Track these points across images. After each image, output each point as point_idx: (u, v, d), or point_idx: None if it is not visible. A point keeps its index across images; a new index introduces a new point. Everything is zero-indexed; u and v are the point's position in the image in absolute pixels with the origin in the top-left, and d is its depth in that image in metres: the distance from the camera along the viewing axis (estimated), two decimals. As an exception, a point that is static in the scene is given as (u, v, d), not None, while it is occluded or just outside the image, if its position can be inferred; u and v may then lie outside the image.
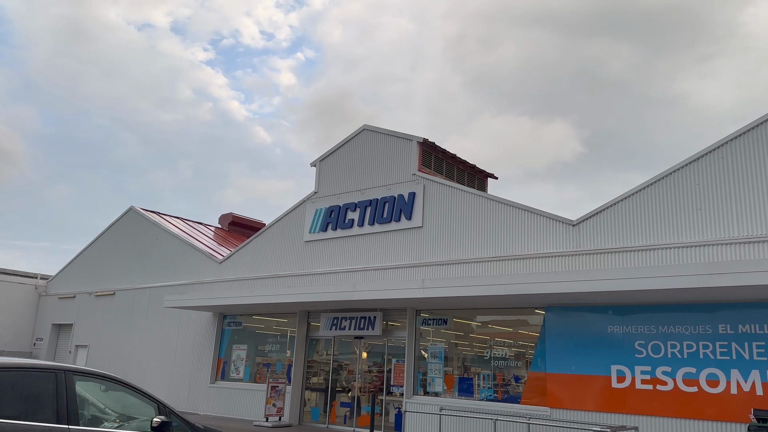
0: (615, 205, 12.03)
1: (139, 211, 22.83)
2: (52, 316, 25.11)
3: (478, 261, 13.45)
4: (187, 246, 20.38)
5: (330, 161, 17.23)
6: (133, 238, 22.57)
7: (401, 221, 15.00)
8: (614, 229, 11.92)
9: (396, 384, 14.29)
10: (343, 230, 16.16)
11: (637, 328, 11.13)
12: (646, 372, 10.88)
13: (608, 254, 11.92)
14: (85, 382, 5.82)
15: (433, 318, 14.14)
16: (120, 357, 21.18)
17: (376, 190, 15.77)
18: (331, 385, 15.77)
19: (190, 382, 18.59)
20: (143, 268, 21.60)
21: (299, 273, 16.81)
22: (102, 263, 23.56)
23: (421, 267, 14.31)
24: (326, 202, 16.82)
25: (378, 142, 16.22)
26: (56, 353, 24.67)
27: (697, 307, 10.63)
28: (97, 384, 5.98)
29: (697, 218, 11.03)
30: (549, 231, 12.71)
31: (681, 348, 10.64)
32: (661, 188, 11.50)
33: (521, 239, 13.03)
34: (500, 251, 13.24)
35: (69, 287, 24.77)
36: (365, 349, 15.49)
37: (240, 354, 17.85)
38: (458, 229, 14.00)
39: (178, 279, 20.13)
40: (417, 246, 14.61)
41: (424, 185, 14.85)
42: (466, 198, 14.10)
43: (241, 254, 18.63)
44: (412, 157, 15.38)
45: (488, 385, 12.90)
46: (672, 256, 11.20)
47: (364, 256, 15.55)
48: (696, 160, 11.21)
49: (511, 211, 13.34)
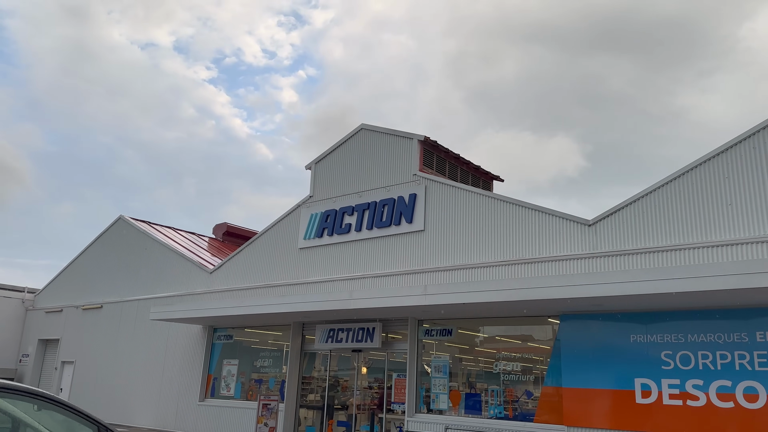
0: (635, 202, 10.98)
1: (128, 220, 21.83)
2: (39, 331, 24.02)
3: (485, 266, 12.38)
4: (177, 256, 19.34)
5: (326, 163, 16.24)
6: (122, 248, 21.54)
7: (401, 225, 13.96)
8: (634, 229, 10.85)
9: (397, 401, 13.15)
10: (339, 236, 15.11)
11: (663, 337, 10.02)
12: (674, 386, 9.75)
13: (628, 256, 10.85)
14: (14, 400, 4.80)
15: (437, 329, 13.05)
16: (106, 373, 20.06)
17: (375, 192, 14.75)
18: (328, 402, 14.63)
19: (178, 400, 17.45)
20: (131, 280, 20.55)
21: (293, 282, 15.73)
22: (90, 275, 22.51)
23: (424, 273, 13.24)
24: (322, 206, 15.79)
25: (377, 142, 15.24)
26: (42, 370, 23.56)
27: (732, 312, 9.53)
28: (29, 403, 4.94)
29: (727, 215, 9.97)
30: (562, 232, 11.65)
31: (714, 358, 9.53)
32: (686, 183, 10.46)
33: (532, 242, 11.97)
34: (509, 255, 12.18)
35: (56, 301, 23.71)
36: (365, 364, 14.37)
37: (231, 370, 16.73)
38: (463, 233, 12.95)
39: (167, 291, 19.07)
40: (419, 251, 13.55)
41: (425, 186, 13.83)
42: (471, 199, 13.06)
43: (233, 263, 17.59)
44: (412, 157, 14.38)
45: (498, 401, 11.77)
46: (699, 256, 10.13)
47: (363, 263, 14.49)
48: (725, 151, 10.17)
49: (520, 212, 12.29)
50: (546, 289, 9.84)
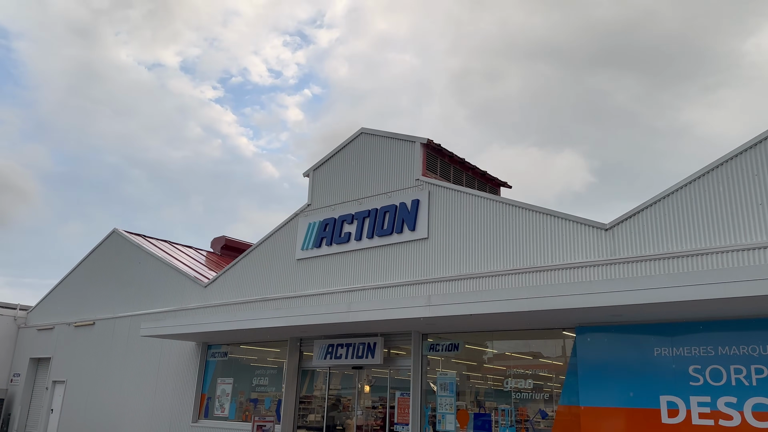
0: (656, 203, 10.13)
1: (122, 233, 21.08)
2: (31, 349, 23.18)
3: (494, 275, 11.52)
4: (171, 270, 18.54)
5: (324, 170, 15.47)
6: (116, 263, 20.77)
7: (404, 233, 13.13)
8: (656, 233, 9.99)
9: (400, 421, 12.23)
10: (338, 245, 14.28)
11: (691, 350, 9.11)
12: (704, 404, 8.82)
13: (649, 262, 9.97)
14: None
15: (443, 343, 12.15)
16: (98, 393, 19.19)
17: (376, 198, 13.95)
18: (327, 422, 13.71)
19: (171, 421, 16.54)
20: (124, 296, 19.74)
21: (290, 295, 14.89)
22: (83, 291, 21.73)
23: (428, 283, 12.38)
24: (320, 214, 14.99)
25: (377, 147, 14.47)
26: (34, 390, 22.69)
27: (766, 322, 8.63)
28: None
29: (759, 214, 9.10)
30: (577, 238, 10.80)
31: (748, 373, 8.60)
32: (713, 181, 9.61)
33: (544, 249, 11.12)
34: (519, 263, 11.32)
35: (48, 318, 22.91)
36: (368, 382, 13.46)
37: (225, 389, 15.83)
38: (470, 240, 12.11)
39: (161, 306, 18.25)
40: (422, 260, 12.71)
41: (429, 191, 13.02)
42: (478, 204, 12.24)
43: (227, 277, 16.77)
44: (415, 161, 13.59)
45: (509, 422, 10.84)
46: (727, 260, 9.25)
47: (363, 274, 13.64)
48: (756, 145, 9.33)
49: (531, 217, 11.46)
50: (562, 298, 8.97)
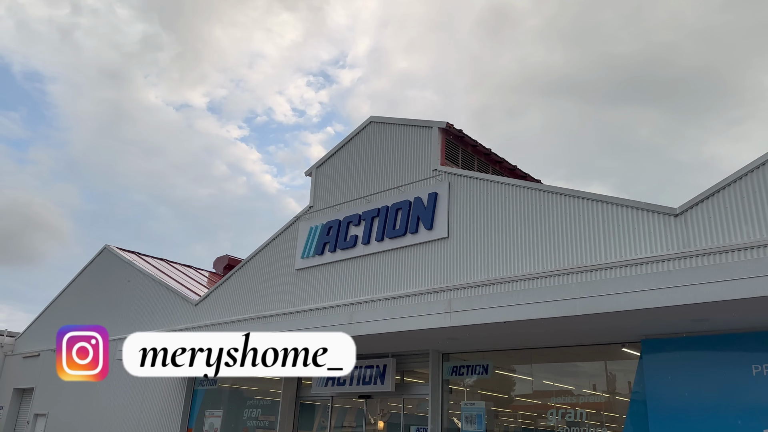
0: (739, 180, 7.85)
1: (113, 250, 19.20)
2: (16, 379, 21.18)
3: (529, 277, 9.23)
4: (161, 287, 16.52)
5: (328, 167, 13.44)
6: (106, 282, 18.84)
7: (419, 233, 10.95)
8: (739, 217, 7.68)
9: (416, 463, 9.86)
10: (343, 251, 12.13)
11: (808, 368, 6.72)
12: (831, 442, 6.39)
13: (731, 253, 7.63)
14: None
15: (468, 365, 9.85)
16: (80, 427, 17.02)
17: (386, 194, 11.83)
18: (329, 464, 11.36)
19: (153, 461, 14.28)
20: (112, 317, 17.69)
21: (289, 310, 12.71)
22: (71, 314, 19.76)
23: (448, 291, 10.12)
24: (323, 217, 12.90)
25: (389, 136, 12.43)
26: (16, 423, 20.60)
27: None
28: None
29: None
30: (638, 227, 8.50)
31: None
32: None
33: (595, 243, 8.83)
34: (563, 263, 9.03)
35: (34, 345, 20.93)
36: (381, 417, 11.11)
37: (214, 422, 13.57)
38: (500, 238, 9.87)
39: (149, 327, 16.15)
40: (442, 264, 10.47)
41: (449, 183, 10.87)
42: (512, 194, 10.03)
43: (219, 293, 14.67)
44: (432, 149, 11.49)
45: (555, 465, 8.43)
46: None
47: (371, 282, 11.44)
48: None
49: (578, 206, 9.21)
50: (629, 296, 6.68)
